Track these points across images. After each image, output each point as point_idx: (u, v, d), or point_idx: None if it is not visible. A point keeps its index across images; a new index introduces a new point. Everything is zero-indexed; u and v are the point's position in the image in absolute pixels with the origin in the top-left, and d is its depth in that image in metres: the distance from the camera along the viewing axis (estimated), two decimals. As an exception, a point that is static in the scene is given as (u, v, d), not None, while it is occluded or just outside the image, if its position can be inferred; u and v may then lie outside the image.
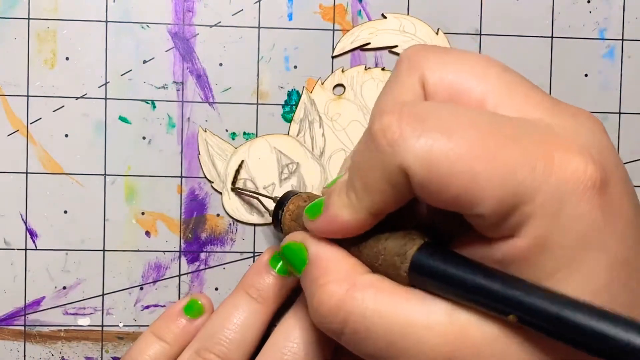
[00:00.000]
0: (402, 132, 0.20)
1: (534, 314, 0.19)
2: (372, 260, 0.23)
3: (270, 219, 0.30)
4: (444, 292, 0.21)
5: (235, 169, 0.33)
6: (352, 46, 0.33)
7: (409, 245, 0.22)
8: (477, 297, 0.20)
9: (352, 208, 0.22)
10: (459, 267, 0.21)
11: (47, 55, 0.32)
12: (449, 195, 0.20)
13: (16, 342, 0.33)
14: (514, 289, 0.19)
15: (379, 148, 0.20)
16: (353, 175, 0.22)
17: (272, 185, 0.33)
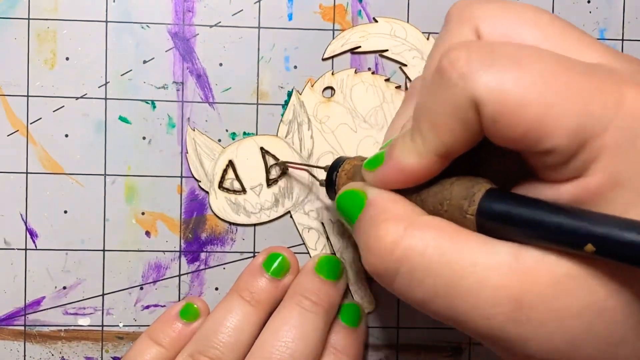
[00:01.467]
0: (472, 64, 0.19)
1: (611, 241, 0.18)
2: (437, 207, 0.22)
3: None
4: (514, 233, 0.20)
5: (222, 168, 0.33)
6: (342, 49, 0.33)
7: (476, 188, 0.21)
8: (552, 232, 0.19)
9: (418, 152, 0.21)
10: (530, 206, 0.20)
11: (47, 55, 0.32)
12: (520, 128, 0.19)
13: (16, 342, 0.33)
14: (589, 220, 0.18)
15: (449, 82, 0.20)
16: (419, 117, 0.21)
17: (259, 186, 0.33)
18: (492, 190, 0.21)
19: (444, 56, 0.20)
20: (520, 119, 0.19)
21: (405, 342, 0.34)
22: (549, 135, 0.19)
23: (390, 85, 0.33)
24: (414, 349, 0.34)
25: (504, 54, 0.20)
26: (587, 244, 0.18)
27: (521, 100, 0.19)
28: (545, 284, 0.19)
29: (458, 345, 0.34)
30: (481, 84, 0.19)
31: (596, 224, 0.18)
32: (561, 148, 0.19)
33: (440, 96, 0.20)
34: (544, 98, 0.19)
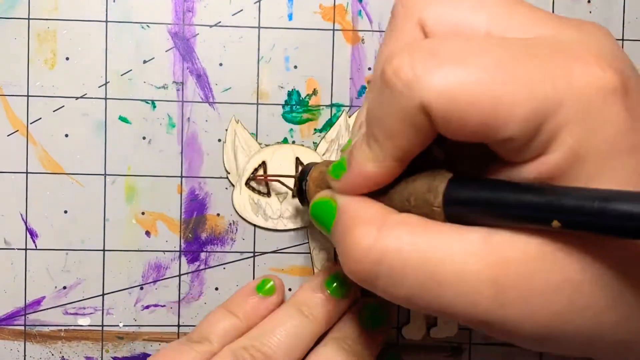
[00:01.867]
0: (415, 70, 0.19)
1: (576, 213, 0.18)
2: (404, 204, 0.22)
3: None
4: (482, 217, 0.20)
5: (254, 167, 0.33)
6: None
7: (438, 180, 0.21)
8: (517, 211, 0.19)
9: (376, 158, 0.22)
10: (493, 189, 0.20)
11: (47, 55, 0.32)
12: (473, 123, 0.19)
13: (16, 342, 0.33)
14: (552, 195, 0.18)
15: (394, 91, 0.20)
16: (372, 126, 0.22)
17: (284, 193, 0.33)
18: (453, 179, 0.21)
19: (386, 64, 0.20)
20: (472, 117, 0.19)
21: (406, 342, 0.34)
22: (503, 127, 0.19)
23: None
24: (414, 349, 0.34)
25: (446, 53, 0.20)
26: (552, 220, 0.18)
27: (469, 98, 0.19)
28: (519, 264, 0.19)
29: (458, 345, 0.34)
30: (427, 89, 0.19)
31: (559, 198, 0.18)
32: (517, 135, 0.19)
33: (389, 105, 0.20)
34: (492, 91, 0.19)
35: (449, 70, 0.19)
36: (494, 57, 0.19)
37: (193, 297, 0.33)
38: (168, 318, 0.33)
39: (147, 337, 0.33)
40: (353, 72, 0.33)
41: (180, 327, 0.33)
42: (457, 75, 0.19)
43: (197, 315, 0.33)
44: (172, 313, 0.33)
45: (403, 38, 0.23)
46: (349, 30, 0.33)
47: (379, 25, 0.33)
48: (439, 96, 0.19)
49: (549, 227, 0.18)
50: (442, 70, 0.19)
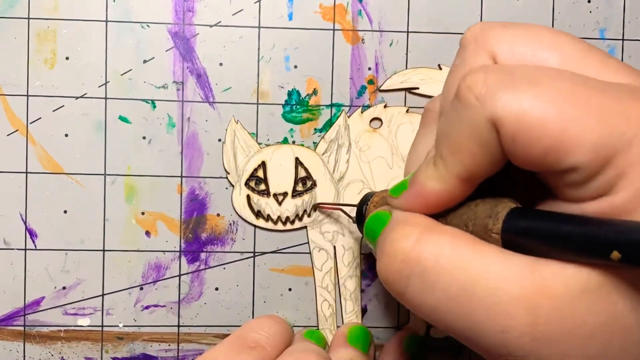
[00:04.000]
0: (489, 86, 0.19)
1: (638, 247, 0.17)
2: (461, 228, 0.22)
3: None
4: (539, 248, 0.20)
5: (254, 167, 0.33)
6: (401, 86, 0.33)
7: (500, 207, 0.21)
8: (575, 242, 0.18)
9: (440, 177, 0.21)
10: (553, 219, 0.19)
11: (47, 55, 0.32)
12: (541, 145, 0.19)
13: (16, 343, 0.33)
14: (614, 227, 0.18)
15: (467, 105, 0.20)
16: (440, 143, 0.21)
17: (283, 194, 0.33)
18: (516, 208, 0.21)
19: (461, 81, 0.20)
20: (540, 137, 0.19)
21: (406, 342, 0.34)
22: (570, 152, 0.18)
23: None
24: (414, 349, 0.34)
25: (522, 74, 0.20)
26: (612, 251, 0.18)
27: (540, 118, 0.18)
28: (561, 298, 0.19)
29: (458, 345, 0.34)
30: (498, 103, 0.19)
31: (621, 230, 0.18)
32: (584, 165, 0.18)
33: (459, 120, 0.20)
34: (563, 114, 0.18)
35: (521, 89, 0.19)
36: (568, 84, 0.19)
37: (193, 297, 0.33)
38: (168, 318, 0.33)
39: (147, 338, 0.33)
40: (353, 72, 0.33)
41: (180, 328, 0.33)
42: (529, 94, 0.19)
43: (197, 316, 0.33)
44: (172, 313, 0.33)
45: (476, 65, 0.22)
46: (349, 30, 0.33)
47: (379, 25, 0.33)
48: (508, 112, 0.19)
49: (607, 260, 0.18)
50: (515, 87, 0.19)
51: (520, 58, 0.22)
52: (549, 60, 0.21)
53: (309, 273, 0.34)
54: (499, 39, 0.22)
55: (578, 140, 0.18)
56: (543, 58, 0.22)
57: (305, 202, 0.33)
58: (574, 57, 0.21)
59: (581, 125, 0.18)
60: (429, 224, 0.21)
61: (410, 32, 0.33)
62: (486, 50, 0.22)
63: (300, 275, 0.34)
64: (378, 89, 0.33)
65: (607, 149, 0.18)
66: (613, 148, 0.18)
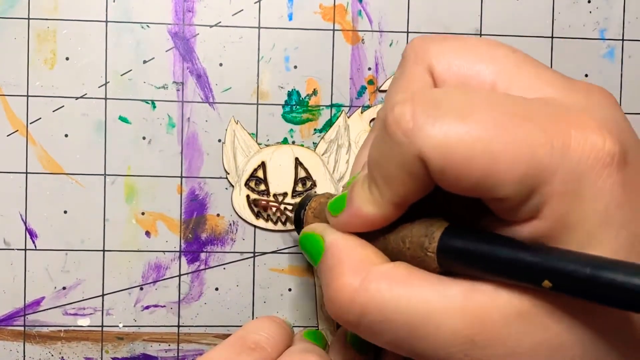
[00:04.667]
0: (416, 121, 0.20)
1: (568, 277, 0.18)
2: (400, 246, 0.23)
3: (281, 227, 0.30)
4: (473, 269, 0.21)
5: (254, 167, 0.33)
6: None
7: (435, 226, 0.22)
8: (509, 267, 0.19)
9: (375, 202, 0.22)
10: (488, 241, 0.20)
11: (47, 55, 0.32)
12: (468, 180, 0.19)
13: (16, 343, 0.33)
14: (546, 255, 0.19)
15: (394, 140, 0.20)
16: (372, 170, 0.22)
17: (283, 194, 0.33)
18: (450, 227, 0.22)
19: (389, 112, 0.20)
20: (467, 173, 0.19)
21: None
22: (497, 186, 0.19)
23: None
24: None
25: (448, 106, 0.20)
26: (544, 279, 0.18)
27: (466, 155, 0.19)
28: (496, 324, 0.20)
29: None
30: (425, 141, 0.19)
31: (553, 259, 0.18)
32: (509, 197, 0.19)
33: (388, 152, 0.21)
34: (489, 151, 0.19)
35: (448, 124, 0.19)
36: (494, 115, 0.19)
37: (193, 297, 0.33)
38: (168, 318, 0.33)
39: (147, 338, 0.33)
40: (353, 72, 0.33)
41: (180, 328, 0.33)
42: (456, 130, 0.19)
43: (197, 316, 0.33)
44: (172, 313, 0.33)
45: (412, 82, 0.23)
46: (349, 30, 0.33)
47: (379, 25, 0.33)
48: (435, 149, 0.19)
49: (538, 286, 0.19)
50: (441, 123, 0.19)
51: (456, 71, 0.23)
52: (484, 72, 0.22)
53: (309, 273, 0.34)
54: (437, 53, 0.23)
55: (504, 175, 0.19)
56: (478, 71, 0.22)
57: None
58: (508, 70, 0.22)
59: (507, 161, 0.19)
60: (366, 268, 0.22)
61: (410, 32, 0.33)
62: (424, 63, 0.23)
63: (300, 275, 0.34)
64: (378, 89, 0.33)
65: (532, 180, 0.19)
66: (537, 179, 0.19)
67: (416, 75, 0.23)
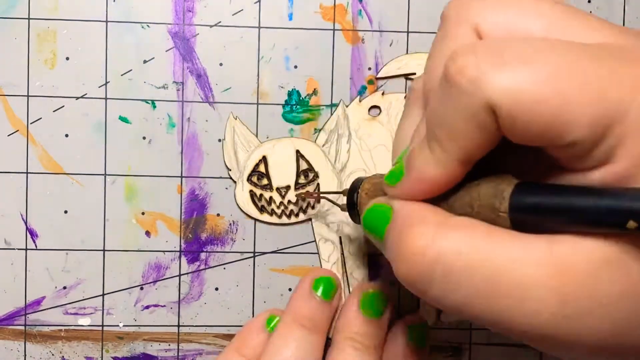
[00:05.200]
0: (481, 68, 0.19)
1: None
2: (467, 211, 0.21)
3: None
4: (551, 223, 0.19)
5: (255, 162, 0.33)
6: (397, 72, 0.33)
7: (504, 184, 0.21)
8: (590, 214, 0.18)
9: (438, 161, 0.21)
10: (562, 193, 0.19)
11: (47, 55, 0.32)
12: (540, 124, 0.19)
13: (16, 342, 0.33)
14: (626, 196, 0.18)
15: (460, 89, 0.19)
16: (434, 126, 0.21)
17: (286, 187, 0.33)
18: (520, 184, 0.21)
19: (450, 62, 0.20)
20: (538, 117, 0.18)
21: (406, 342, 0.34)
22: (569, 129, 0.18)
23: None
24: (414, 349, 0.34)
25: (512, 52, 0.19)
26: (628, 220, 0.17)
27: (536, 98, 0.18)
28: (584, 274, 0.19)
29: (458, 345, 0.34)
30: (494, 87, 0.19)
31: (634, 198, 0.18)
32: (583, 140, 0.18)
33: (453, 104, 0.20)
34: (559, 92, 0.18)
35: (516, 69, 0.19)
36: (560, 58, 0.19)
37: (193, 297, 0.33)
38: (168, 318, 0.33)
39: (147, 337, 0.33)
40: (353, 72, 0.33)
41: (180, 327, 0.33)
42: (524, 75, 0.19)
43: (197, 316, 0.33)
44: (172, 313, 0.33)
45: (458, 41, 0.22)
46: (349, 30, 0.33)
47: (379, 25, 0.33)
48: (504, 95, 0.19)
49: (624, 229, 0.18)
50: (509, 68, 0.19)
51: (503, 28, 0.22)
52: (533, 28, 0.21)
53: (310, 272, 0.34)
54: (480, 11, 0.22)
55: (576, 116, 0.18)
56: (526, 26, 0.21)
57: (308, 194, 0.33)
58: (557, 22, 0.21)
59: (578, 100, 0.18)
60: (440, 220, 0.21)
61: (410, 32, 0.33)
62: (468, 22, 0.22)
63: (300, 275, 0.34)
64: (376, 78, 0.33)
65: (605, 120, 0.18)
66: (610, 119, 0.18)
67: (461, 35, 0.22)
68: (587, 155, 0.19)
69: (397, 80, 0.34)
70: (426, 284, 0.20)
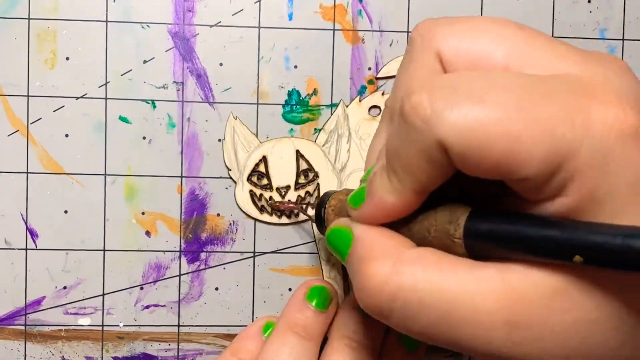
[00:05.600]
0: (434, 107, 0.19)
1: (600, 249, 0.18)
2: (425, 235, 0.22)
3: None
4: (502, 250, 0.20)
5: (255, 162, 0.33)
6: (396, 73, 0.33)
7: (460, 212, 0.21)
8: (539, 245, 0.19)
9: (395, 191, 0.22)
10: (515, 221, 0.20)
11: (47, 55, 0.32)
12: (490, 162, 0.19)
13: (17, 342, 0.33)
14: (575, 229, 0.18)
15: (412, 127, 0.20)
16: (391, 159, 0.22)
17: (286, 187, 0.33)
18: (474, 211, 0.21)
19: (405, 99, 0.20)
20: (489, 155, 0.19)
21: (405, 342, 0.34)
22: (520, 166, 0.19)
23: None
24: (414, 348, 0.34)
25: (466, 89, 0.20)
26: (574, 255, 0.18)
27: (487, 137, 0.19)
28: (534, 304, 0.20)
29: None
30: (445, 127, 0.19)
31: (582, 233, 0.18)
32: (533, 176, 0.19)
33: (407, 140, 0.20)
34: (511, 131, 0.19)
35: (467, 109, 0.19)
36: (513, 95, 0.19)
37: (193, 297, 0.33)
38: (168, 318, 0.33)
39: (147, 337, 0.33)
40: (353, 72, 0.33)
41: (180, 327, 0.33)
42: (476, 113, 0.19)
43: (197, 316, 0.33)
44: (172, 313, 0.33)
45: (421, 69, 0.23)
46: (349, 30, 0.33)
47: (379, 25, 0.33)
48: (456, 134, 0.19)
49: (570, 262, 0.18)
50: (460, 107, 0.19)
51: (465, 54, 0.22)
52: (496, 53, 0.22)
53: (309, 273, 0.34)
54: (444, 37, 0.22)
55: (526, 155, 0.19)
56: (488, 53, 0.22)
57: (308, 194, 0.33)
58: (521, 49, 0.21)
59: (528, 141, 0.19)
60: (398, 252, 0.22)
61: (410, 32, 0.33)
62: (431, 48, 0.23)
63: (300, 275, 0.34)
64: (376, 78, 0.33)
65: (556, 158, 0.19)
66: (561, 157, 0.18)
67: (425, 62, 0.23)
68: (539, 189, 0.19)
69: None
70: (386, 315, 0.22)
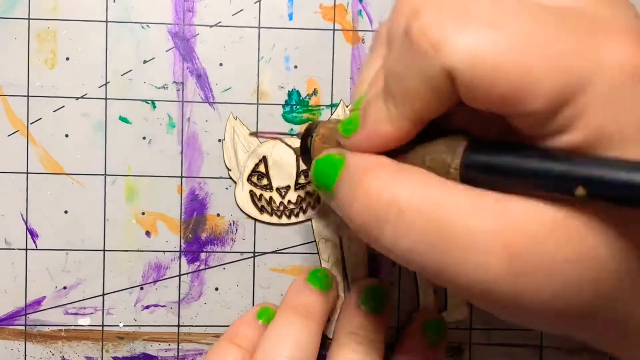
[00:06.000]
0: (444, 31, 0.18)
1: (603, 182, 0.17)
2: (418, 163, 0.21)
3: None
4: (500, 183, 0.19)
5: (255, 162, 0.33)
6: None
7: (458, 141, 0.20)
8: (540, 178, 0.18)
9: (392, 118, 0.21)
10: (516, 152, 0.19)
11: (47, 55, 0.32)
12: (499, 93, 0.18)
13: (17, 342, 0.33)
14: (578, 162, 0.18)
15: (420, 51, 0.19)
16: (391, 84, 0.20)
17: (286, 187, 0.33)
18: (473, 140, 0.20)
19: (413, 19, 0.19)
20: (498, 85, 0.18)
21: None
22: (529, 99, 0.18)
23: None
24: (414, 349, 0.34)
25: (477, 14, 0.19)
26: (577, 187, 0.17)
27: (498, 66, 0.18)
28: (534, 234, 0.19)
29: (458, 345, 0.34)
30: (455, 52, 0.18)
31: (586, 166, 0.18)
32: (542, 109, 0.18)
33: (412, 64, 0.19)
34: (522, 61, 0.18)
35: (479, 33, 0.18)
36: (527, 24, 0.18)
37: (193, 297, 0.33)
38: (168, 318, 0.33)
39: (147, 337, 0.33)
40: (353, 72, 0.33)
41: (180, 327, 0.33)
42: (487, 41, 0.18)
43: (197, 316, 0.33)
44: (172, 313, 0.33)
45: None
46: (349, 30, 0.33)
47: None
48: (465, 61, 0.18)
49: (572, 196, 0.18)
50: (472, 32, 0.18)
51: None
52: None
53: (308, 273, 0.34)
54: None
55: (536, 87, 0.18)
56: None
57: (308, 194, 0.33)
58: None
59: (539, 72, 0.18)
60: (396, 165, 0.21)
61: None
62: None
63: (300, 275, 0.34)
64: None
65: (565, 92, 0.18)
66: (570, 91, 0.18)
67: None
68: (544, 124, 0.19)
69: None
70: (379, 227, 0.20)
